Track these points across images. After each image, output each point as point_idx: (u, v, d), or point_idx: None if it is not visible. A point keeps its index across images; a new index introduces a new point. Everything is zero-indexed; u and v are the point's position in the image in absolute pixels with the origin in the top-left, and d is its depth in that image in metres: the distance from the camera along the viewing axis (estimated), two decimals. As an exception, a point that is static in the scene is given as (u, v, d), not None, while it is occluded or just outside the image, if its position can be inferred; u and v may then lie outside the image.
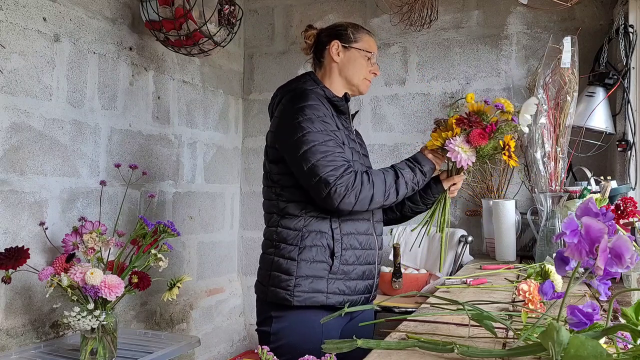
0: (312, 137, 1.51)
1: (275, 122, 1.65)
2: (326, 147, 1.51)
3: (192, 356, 2.68)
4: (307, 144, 1.51)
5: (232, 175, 3.17)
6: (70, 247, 1.78)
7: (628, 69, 2.28)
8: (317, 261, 1.57)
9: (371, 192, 1.51)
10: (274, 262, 1.61)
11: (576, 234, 0.71)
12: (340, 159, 1.51)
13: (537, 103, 1.73)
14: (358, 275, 1.64)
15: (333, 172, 1.48)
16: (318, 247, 1.57)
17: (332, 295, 1.57)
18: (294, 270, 1.56)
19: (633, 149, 2.25)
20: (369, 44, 1.75)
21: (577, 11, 2.62)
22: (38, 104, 1.97)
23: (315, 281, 1.56)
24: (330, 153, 1.50)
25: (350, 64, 1.72)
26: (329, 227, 1.59)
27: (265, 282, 1.63)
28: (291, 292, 1.55)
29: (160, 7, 2.24)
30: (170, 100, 2.66)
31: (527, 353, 0.78)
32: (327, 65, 1.74)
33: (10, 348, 1.82)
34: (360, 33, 1.75)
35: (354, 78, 1.73)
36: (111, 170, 2.24)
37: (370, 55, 1.74)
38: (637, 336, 0.71)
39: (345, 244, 1.60)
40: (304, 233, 1.58)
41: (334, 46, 1.71)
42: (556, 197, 1.96)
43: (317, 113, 1.55)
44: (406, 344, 0.92)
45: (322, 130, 1.53)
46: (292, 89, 1.68)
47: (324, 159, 1.49)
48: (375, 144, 2.98)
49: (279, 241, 1.61)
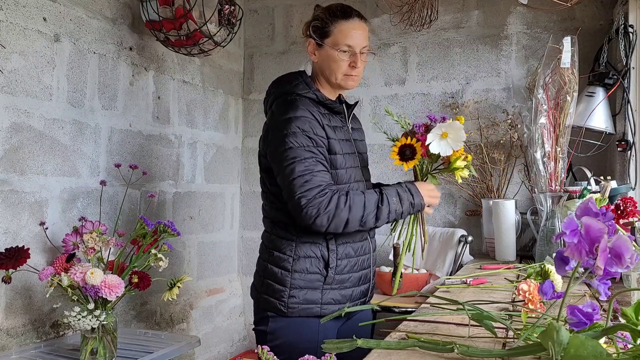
0: (293, 153, 1.47)
1: (264, 129, 1.63)
2: (305, 166, 1.46)
3: (192, 356, 2.68)
4: (287, 160, 1.48)
5: (232, 175, 3.17)
6: (71, 247, 1.78)
7: (628, 69, 2.28)
8: (312, 272, 1.55)
9: (346, 216, 1.45)
10: (267, 269, 1.60)
11: (576, 233, 0.71)
12: (318, 179, 1.46)
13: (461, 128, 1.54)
14: (354, 283, 1.62)
15: (307, 192, 1.44)
16: (312, 258, 1.55)
17: (326, 306, 1.56)
18: (288, 282, 1.54)
19: (633, 149, 2.25)
20: (343, 35, 1.57)
21: (577, 11, 2.62)
22: (38, 104, 1.97)
23: (310, 292, 1.55)
24: (308, 172, 1.46)
25: (325, 62, 1.61)
26: (322, 237, 1.55)
27: (259, 287, 1.62)
28: (285, 304, 1.54)
29: (161, 7, 2.24)
30: (170, 100, 2.66)
31: (527, 353, 0.78)
32: (312, 63, 1.68)
33: (10, 348, 1.82)
34: (334, 22, 1.58)
35: (331, 77, 1.61)
36: (111, 170, 2.24)
37: (346, 48, 1.57)
38: (637, 336, 0.71)
39: (340, 253, 1.58)
40: (297, 243, 1.56)
41: (309, 46, 1.63)
42: (556, 197, 1.96)
43: (303, 127, 1.49)
44: (406, 343, 0.92)
45: (305, 145, 1.48)
46: (284, 92, 1.61)
47: (301, 177, 1.45)
48: (375, 144, 2.97)
49: (272, 248, 1.60)
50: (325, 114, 1.60)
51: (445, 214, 2.84)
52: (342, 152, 1.59)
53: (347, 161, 1.60)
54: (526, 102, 2.61)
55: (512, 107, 2.70)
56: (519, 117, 2.63)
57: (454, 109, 2.80)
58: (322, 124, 1.55)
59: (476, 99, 2.79)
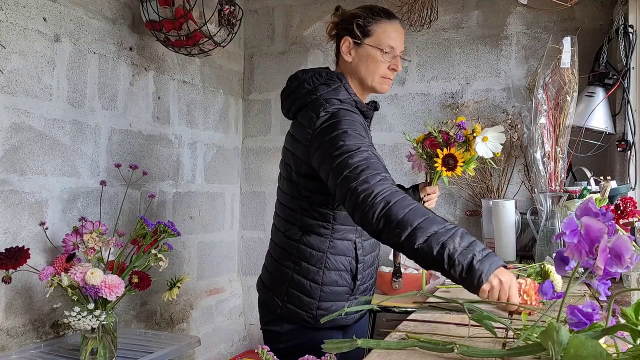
0: (348, 147, 1.35)
1: (305, 134, 1.47)
2: (365, 155, 1.34)
3: (192, 356, 2.68)
4: (345, 154, 1.34)
5: (232, 175, 3.18)
6: (71, 247, 1.78)
7: (628, 69, 2.28)
8: (340, 285, 1.53)
9: (402, 214, 1.22)
10: (293, 279, 1.53)
11: (576, 233, 0.71)
12: (379, 166, 1.35)
13: (503, 131, 1.71)
14: (368, 288, 1.63)
15: (371, 177, 1.29)
16: (341, 271, 1.52)
17: (351, 315, 1.57)
18: (317, 295, 1.51)
19: (633, 149, 2.25)
20: (386, 35, 1.52)
21: (577, 11, 2.62)
22: (38, 104, 1.97)
23: (337, 304, 1.53)
24: (368, 159, 1.34)
25: (362, 64, 1.53)
26: (353, 250, 1.53)
27: (280, 296, 1.54)
28: (314, 316, 1.51)
29: (161, 8, 2.24)
30: (170, 100, 2.66)
31: (527, 353, 0.78)
32: (342, 65, 1.58)
33: (10, 348, 1.82)
34: (377, 21, 1.52)
35: (367, 79, 1.54)
36: (111, 170, 2.24)
37: (389, 49, 1.52)
38: (637, 336, 0.71)
39: (366, 263, 1.57)
40: (328, 255, 1.51)
41: (344, 44, 1.54)
42: (556, 197, 1.96)
43: (354, 127, 1.40)
44: (406, 343, 0.92)
45: (361, 142, 1.38)
46: (324, 98, 1.48)
47: (365, 162, 1.33)
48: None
49: (300, 259, 1.52)
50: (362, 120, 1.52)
51: (445, 214, 2.84)
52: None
53: None
54: (526, 102, 2.62)
55: (512, 107, 2.70)
56: (519, 117, 2.63)
57: (454, 109, 2.80)
58: (365, 128, 1.49)
59: (476, 99, 2.79)
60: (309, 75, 1.54)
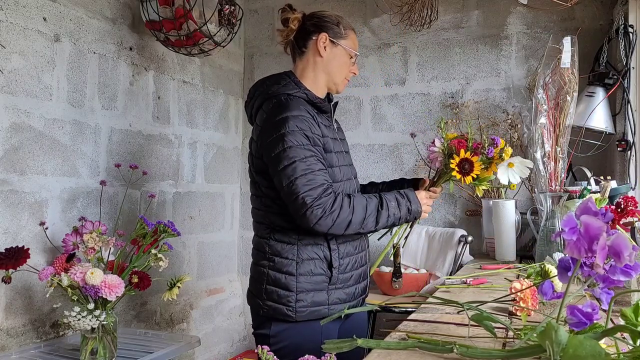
0: (293, 152, 1.45)
1: (257, 132, 1.58)
2: (306, 164, 1.44)
3: (192, 356, 2.68)
4: (287, 159, 1.45)
5: (232, 175, 3.18)
6: (71, 247, 1.78)
7: (628, 69, 2.28)
8: (316, 274, 1.54)
9: (349, 218, 1.46)
10: (269, 276, 1.56)
11: (575, 231, 0.71)
12: (320, 178, 1.45)
13: (531, 167, 1.72)
14: (355, 280, 1.62)
15: (311, 192, 1.42)
16: (315, 259, 1.54)
17: (333, 306, 1.56)
18: (294, 286, 1.53)
19: (633, 149, 2.25)
20: (355, 43, 1.69)
21: (577, 11, 2.62)
22: (38, 104, 1.97)
23: (316, 294, 1.54)
24: (310, 171, 1.44)
25: (334, 61, 1.65)
26: (323, 238, 1.55)
27: (260, 296, 1.57)
28: (293, 308, 1.52)
29: (161, 7, 2.24)
30: (170, 100, 2.66)
31: (527, 354, 0.78)
32: (310, 58, 1.65)
33: (10, 348, 1.82)
34: (348, 30, 1.67)
35: (336, 76, 1.66)
36: (111, 170, 2.24)
37: (354, 55, 1.68)
38: (637, 337, 0.71)
39: (341, 252, 1.58)
40: (299, 246, 1.54)
41: (321, 39, 1.62)
42: (556, 197, 1.96)
43: (300, 125, 1.47)
44: (406, 344, 0.92)
45: (304, 144, 1.46)
46: (273, 94, 1.58)
47: (303, 176, 1.43)
48: (375, 144, 2.98)
49: (273, 254, 1.56)
50: (315, 113, 1.58)
51: (445, 214, 2.84)
52: (334, 150, 1.58)
53: (339, 159, 1.60)
54: (526, 102, 2.61)
55: (512, 107, 2.70)
56: (519, 117, 2.63)
57: (454, 109, 2.80)
58: (317, 121, 1.54)
59: (476, 99, 2.79)
60: (263, 81, 1.66)
